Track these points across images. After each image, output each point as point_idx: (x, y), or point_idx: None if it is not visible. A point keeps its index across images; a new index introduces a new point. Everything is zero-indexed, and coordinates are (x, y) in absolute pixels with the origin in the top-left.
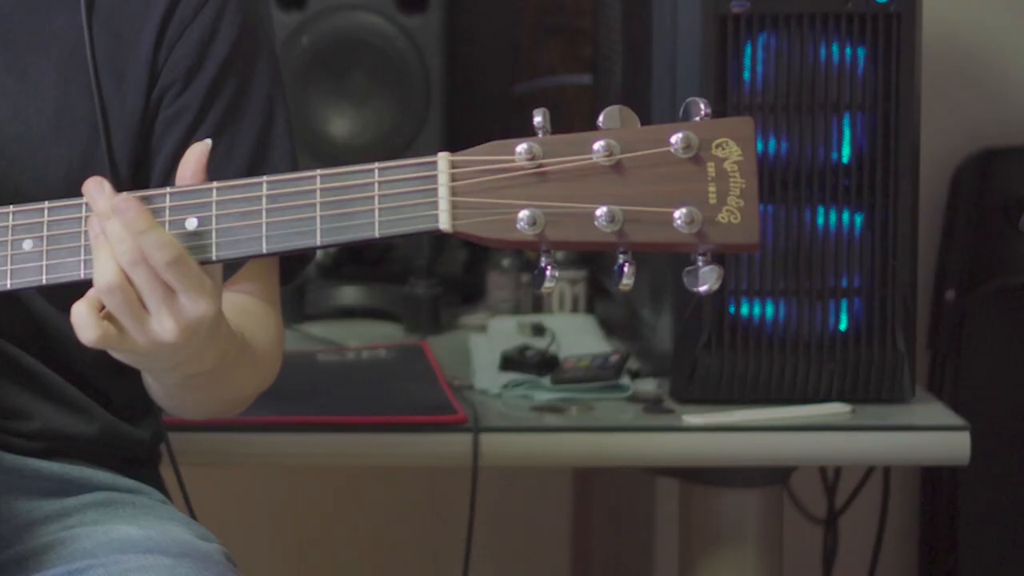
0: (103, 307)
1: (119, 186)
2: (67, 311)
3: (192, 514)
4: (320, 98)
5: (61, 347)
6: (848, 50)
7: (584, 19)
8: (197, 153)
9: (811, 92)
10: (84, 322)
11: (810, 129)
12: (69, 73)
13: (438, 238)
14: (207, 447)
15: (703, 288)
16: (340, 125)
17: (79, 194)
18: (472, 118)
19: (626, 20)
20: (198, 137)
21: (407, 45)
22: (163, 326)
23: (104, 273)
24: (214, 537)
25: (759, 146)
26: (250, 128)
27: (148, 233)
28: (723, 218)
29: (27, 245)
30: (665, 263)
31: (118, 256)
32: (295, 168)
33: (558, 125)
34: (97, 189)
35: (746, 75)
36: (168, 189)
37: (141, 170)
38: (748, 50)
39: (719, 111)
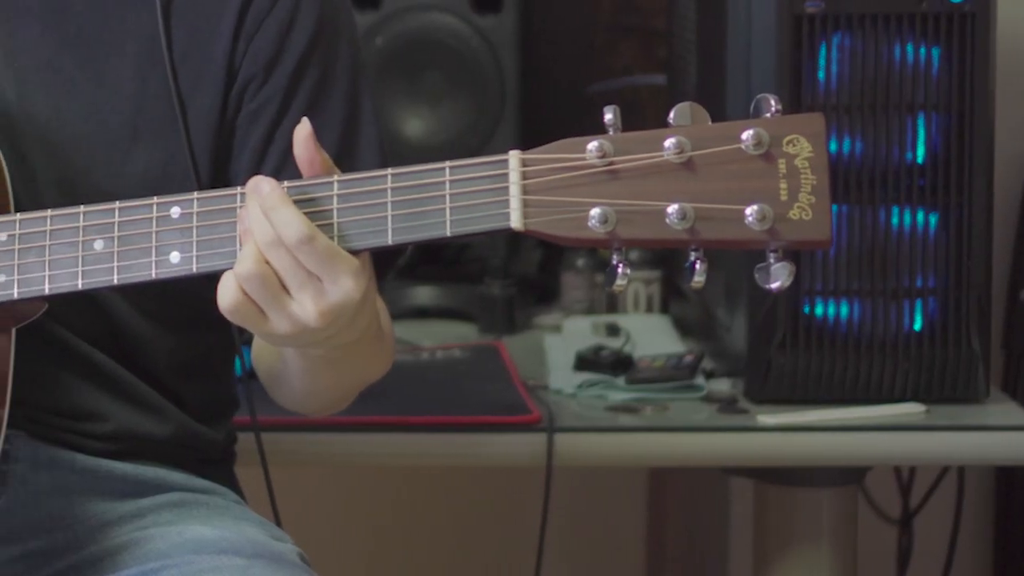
0: None
1: (200, 184)
2: (142, 312)
3: (276, 515)
4: (394, 99)
5: (135, 348)
6: (922, 50)
7: (659, 19)
8: (302, 138)
9: (885, 92)
10: (227, 286)
11: (884, 129)
12: (145, 71)
13: (513, 238)
14: (283, 447)
15: (775, 285)
16: (415, 126)
17: (159, 192)
18: (546, 118)
19: (700, 20)
20: (282, 130)
21: (482, 45)
22: (305, 310)
23: (242, 259)
24: (288, 537)
25: (833, 146)
26: (335, 118)
27: (278, 210)
28: (794, 215)
29: (98, 245)
30: (739, 263)
31: (256, 237)
32: (384, 155)
33: (632, 126)
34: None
35: (820, 75)
36: (239, 189)
37: (222, 167)
38: (822, 50)
39: (793, 111)
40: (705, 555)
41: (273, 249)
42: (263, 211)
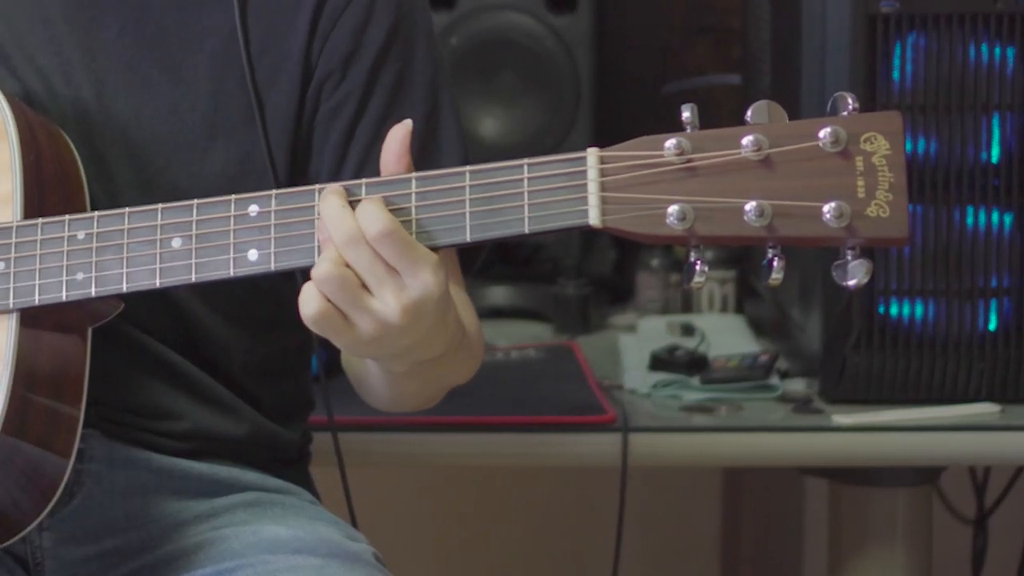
0: None
1: (277, 182)
2: (217, 311)
3: (352, 515)
4: (469, 99)
5: (210, 348)
6: (997, 50)
7: (733, 19)
8: (399, 136)
9: (960, 92)
10: (308, 295)
11: (959, 129)
12: (222, 69)
13: (587, 237)
14: (359, 447)
15: (852, 282)
16: (489, 125)
17: (237, 190)
18: (621, 118)
19: (775, 20)
20: (362, 126)
21: (556, 45)
22: (387, 305)
23: (320, 263)
24: (363, 537)
25: (907, 146)
26: (415, 113)
27: (361, 204)
28: (872, 212)
29: (176, 243)
30: (814, 263)
31: (334, 236)
32: (465, 149)
33: (707, 125)
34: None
35: (895, 75)
36: (317, 186)
37: (301, 165)
38: (897, 50)
39: (867, 111)
40: (780, 555)
41: (352, 246)
42: (343, 206)
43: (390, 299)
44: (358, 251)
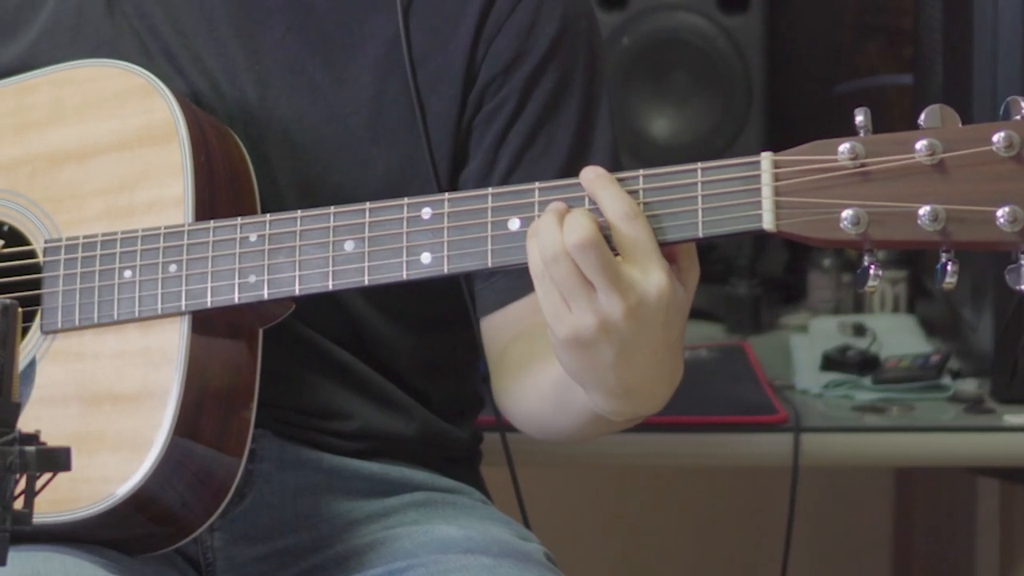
0: None
1: (439, 186)
2: (382, 310)
3: (524, 514)
4: (640, 98)
5: (379, 347)
6: None
7: (905, 19)
8: None
9: None
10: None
11: None
12: (385, 72)
13: (759, 238)
14: (529, 447)
15: None
16: (660, 125)
17: (399, 194)
18: (792, 118)
19: (947, 20)
20: (516, 130)
21: (728, 45)
22: (612, 303)
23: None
24: (534, 537)
25: None
26: (570, 121)
27: (608, 188)
28: None
29: (349, 246)
30: (986, 263)
31: (540, 246)
32: (616, 163)
33: (878, 125)
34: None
35: None
36: (490, 190)
37: (459, 169)
38: None
39: None
40: (951, 556)
41: (584, 251)
42: (594, 187)
43: (616, 299)
44: (556, 264)
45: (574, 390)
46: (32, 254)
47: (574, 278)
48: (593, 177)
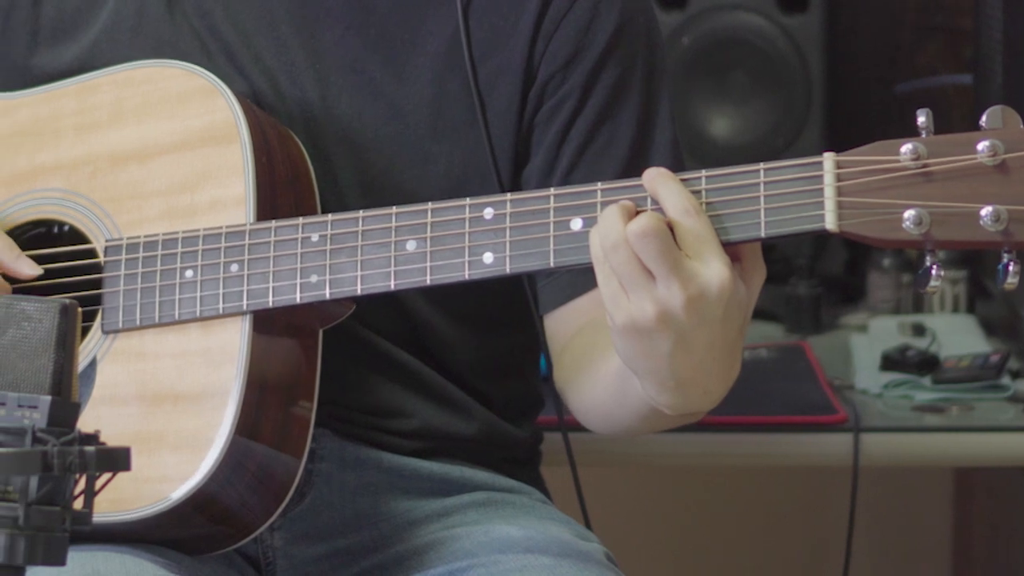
0: None
1: (501, 185)
2: (441, 310)
3: (585, 514)
4: (700, 98)
5: (439, 347)
6: None
7: (965, 18)
8: None
9: None
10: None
11: None
12: (445, 70)
13: (819, 238)
14: (590, 447)
15: None
16: (721, 125)
17: (460, 193)
18: (852, 118)
19: (1007, 20)
20: (576, 128)
21: (788, 45)
22: (672, 292)
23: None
24: (595, 537)
25: None
26: (630, 118)
27: (668, 184)
28: None
29: (411, 246)
30: None
31: (601, 233)
32: (677, 160)
33: (938, 125)
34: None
35: None
36: (552, 190)
37: (521, 167)
38: None
39: None
40: (1011, 556)
41: (644, 240)
42: (655, 184)
43: (676, 287)
44: (616, 250)
45: (632, 381)
46: (93, 254)
47: (633, 265)
48: (655, 175)
